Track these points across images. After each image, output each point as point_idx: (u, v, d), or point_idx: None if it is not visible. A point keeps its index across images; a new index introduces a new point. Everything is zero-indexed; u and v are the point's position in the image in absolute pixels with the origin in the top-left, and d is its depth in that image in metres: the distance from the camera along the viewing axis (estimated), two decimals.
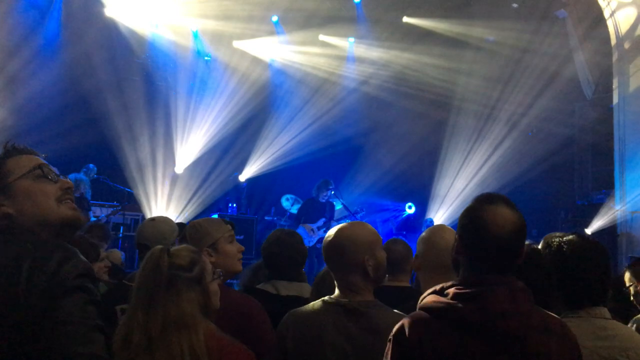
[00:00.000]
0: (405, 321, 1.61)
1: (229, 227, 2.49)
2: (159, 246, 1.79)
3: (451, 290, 1.57)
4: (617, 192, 8.91)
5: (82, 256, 1.52)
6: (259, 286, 2.83)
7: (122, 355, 1.59)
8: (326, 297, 2.10)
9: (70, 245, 1.53)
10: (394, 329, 1.62)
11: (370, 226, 2.21)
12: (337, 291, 2.09)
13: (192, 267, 1.74)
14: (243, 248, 2.52)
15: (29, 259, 1.43)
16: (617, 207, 8.85)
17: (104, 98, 9.35)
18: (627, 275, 3.02)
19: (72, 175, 7.21)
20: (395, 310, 2.04)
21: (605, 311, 1.96)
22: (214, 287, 1.83)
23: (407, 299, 2.31)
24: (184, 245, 1.86)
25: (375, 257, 2.07)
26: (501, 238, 1.55)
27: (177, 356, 1.58)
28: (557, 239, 2.05)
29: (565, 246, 2.01)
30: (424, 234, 2.32)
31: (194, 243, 2.20)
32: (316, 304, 2.11)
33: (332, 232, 2.15)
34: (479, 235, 1.57)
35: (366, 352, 1.92)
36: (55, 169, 1.66)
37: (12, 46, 8.50)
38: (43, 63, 8.97)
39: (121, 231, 8.40)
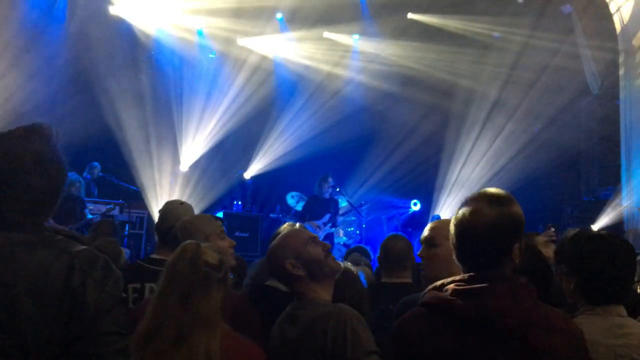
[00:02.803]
0: (405, 317, 1.61)
1: (219, 223, 2.46)
2: (192, 241, 1.76)
3: (451, 287, 1.57)
4: (624, 188, 8.85)
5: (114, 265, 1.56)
6: (268, 282, 2.76)
7: (147, 347, 1.57)
8: None
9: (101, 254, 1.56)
10: (394, 326, 1.62)
11: (289, 231, 2.18)
12: None
13: (221, 267, 1.72)
14: (234, 243, 2.48)
15: (79, 267, 1.45)
16: (624, 204, 8.79)
17: (109, 96, 9.39)
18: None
19: None
20: (332, 304, 2.01)
21: (622, 309, 1.93)
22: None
23: (407, 295, 2.29)
24: (209, 244, 1.85)
25: (301, 256, 2.03)
26: (473, 239, 1.56)
27: (194, 355, 1.57)
28: (581, 234, 2.01)
29: (590, 241, 1.96)
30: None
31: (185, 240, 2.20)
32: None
33: None
34: (456, 236, 1.61)
35: (297, 347, 1.93)
36: None
37: (13, 47, 8.54)
38: (47, 62, 9.00)
39: (127, 229, 8.42)
